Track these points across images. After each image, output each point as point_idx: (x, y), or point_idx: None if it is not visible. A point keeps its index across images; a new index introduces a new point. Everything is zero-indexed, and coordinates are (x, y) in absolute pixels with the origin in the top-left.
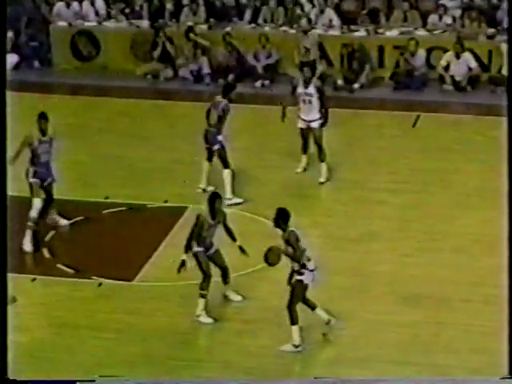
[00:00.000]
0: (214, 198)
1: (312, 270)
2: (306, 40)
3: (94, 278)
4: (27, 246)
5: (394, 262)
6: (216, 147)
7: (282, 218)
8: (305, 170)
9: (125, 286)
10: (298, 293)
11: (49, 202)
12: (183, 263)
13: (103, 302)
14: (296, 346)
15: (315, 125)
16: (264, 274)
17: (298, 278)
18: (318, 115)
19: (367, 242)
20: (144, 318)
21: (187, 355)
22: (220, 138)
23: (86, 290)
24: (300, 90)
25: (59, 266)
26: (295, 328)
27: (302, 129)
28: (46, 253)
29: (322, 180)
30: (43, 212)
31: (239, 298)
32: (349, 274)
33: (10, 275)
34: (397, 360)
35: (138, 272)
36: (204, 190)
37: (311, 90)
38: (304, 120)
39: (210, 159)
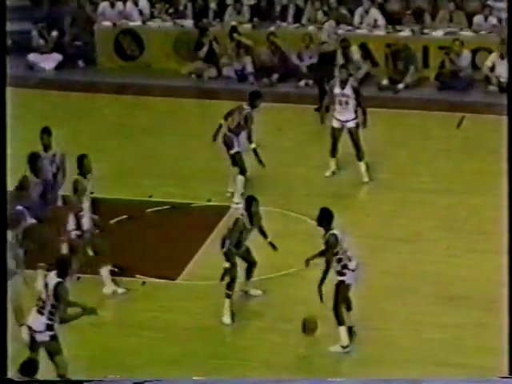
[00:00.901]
0: (250, 202)
1: (353, 270)
2: (321, 33)
3: (138, 276)
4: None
5: (438, 262)
6: (233, 151)
7: (325, 217)
8: (333, 173)
9: (168, 284)
10: (341, 293)
11: None
12: (226, 271)
13: (147, 301)
14: (344, 347)
15: (351, 124)
16: (305, 273)
17: (340, 278)
18: (353, 115)
19: (411, 242)
20: (187, 316)
21: (230, 354)
22: (237, 143)
23: (129, 288)
24: (336, 90)
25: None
26: (342, 328)
27: (334, 128)
28: (90, 252)
29: (365, 180)
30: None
31: (259, 292)
32: (393, 274)
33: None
34: (439, 361)
35: (182, 271)
36: (232, 194)
37: (348, 90)
38: (339, 120)
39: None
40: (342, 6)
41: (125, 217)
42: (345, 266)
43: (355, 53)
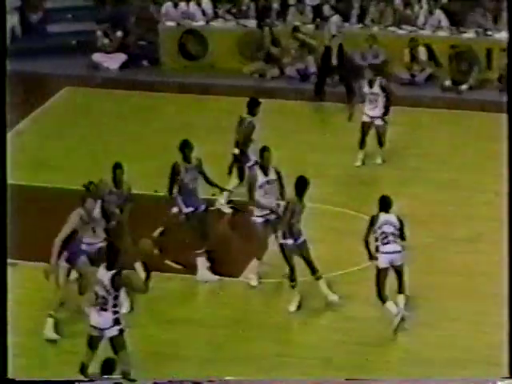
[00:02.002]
0: (301, 183)
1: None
2: (326, 28)
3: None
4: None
5: (500, 263)
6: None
7: (383, 204)
8: (363, 163)
9: (233, 282)
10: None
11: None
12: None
13: (211, 298)
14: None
15: (379, 122)
16: (367, 272)
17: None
18: (381, 112)
19: (474, 242)
20: (251, 314)
21: (292, 352)
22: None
23: (193, 285)
24: (366, 89)
25: (167, 262)
26: (389, 303)
27: (364, 122)
28: (155, 250)
29: (378, 161)
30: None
31: (335, 297)
32: (455, 273)
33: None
34: (499, 362)
35: (245, 268)
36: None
37: (376, 89)
38: (368, 115)
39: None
40: (406, 7)
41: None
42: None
43: (421, 53)
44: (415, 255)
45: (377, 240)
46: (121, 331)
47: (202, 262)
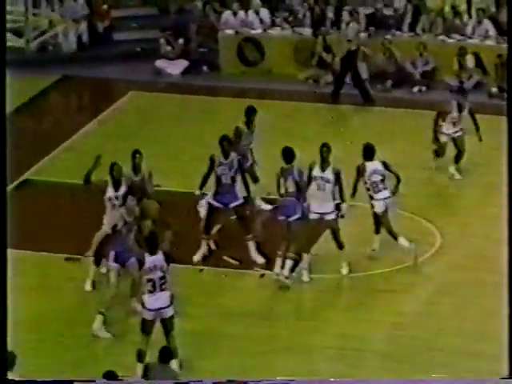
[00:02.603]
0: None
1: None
2: (347, 32)
3: (257, 269)
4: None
5: None
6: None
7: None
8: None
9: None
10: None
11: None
12: None
13: (265, 292)
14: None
15: (458, 134)
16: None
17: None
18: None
19: None
20: (304, 307)
21: (340, 345)
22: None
23: (248, 280)
24: (454, 114)
25: (225, 257)
26: (401, 239)
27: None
28: (212, 245)
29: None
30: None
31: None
32: (497, 272)
33: (179, 266)
34: None
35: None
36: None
37: (465, 113)
38: (448, 134)
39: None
40: (456, 17)
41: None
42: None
43: (469, 61)
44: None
45: (368, 190)
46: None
47: (251, 246)
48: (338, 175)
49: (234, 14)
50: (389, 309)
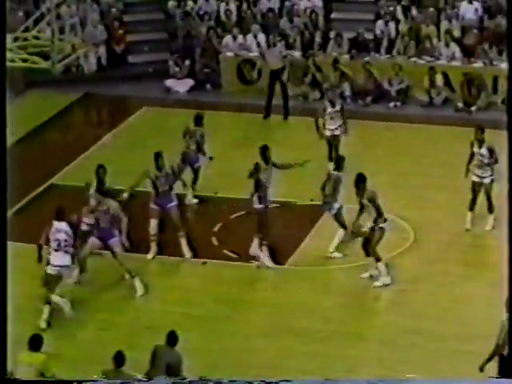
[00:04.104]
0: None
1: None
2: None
3: (253, 261)
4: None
5: None
6: (197, 165)
7: (360, 181)
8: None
9: (279, 269)
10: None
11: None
12: None
13: (260, 282)
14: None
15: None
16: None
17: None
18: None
19: None
20: (293, 296)
21: (327, 328)
22: (201, 158)
23: (246, 271)
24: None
25: (225, 251)
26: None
27: (474, 182)
28: (214, 241)
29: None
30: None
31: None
32: None
33: (184, 259)
34: None
35: (289, 257)
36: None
37: (484, 151)
38: (477, 175)
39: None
40: (426, 41)
41: (243, 212)
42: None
43: (439, 80)
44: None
45: None
46: None
47: (265, 251)
48: None
49: (234, 38)
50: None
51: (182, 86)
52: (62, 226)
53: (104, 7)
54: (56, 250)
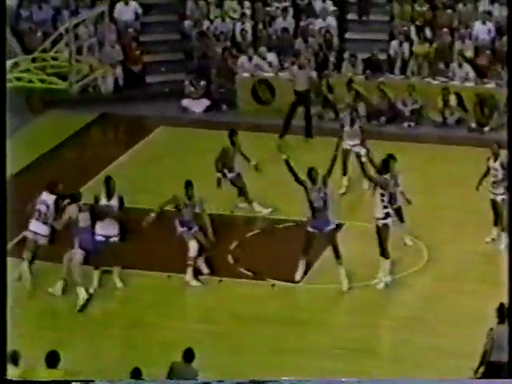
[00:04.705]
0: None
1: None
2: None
3: (268, 279)
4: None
5: None
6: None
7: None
8: None
9: (293, 286)
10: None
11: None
12: None
13: (275, 300)
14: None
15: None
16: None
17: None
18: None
19: None
20: (306, 313)
21: (341, 345)
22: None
23: (261, 289)
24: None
25: (240, 269)
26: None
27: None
28: (230, 259)
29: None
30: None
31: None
32: None
33: (200, 277)
34: None
35: (304, 276)
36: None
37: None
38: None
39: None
40: (440, 62)
41: (258, 231)
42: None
43: (452, 100)
44: None
45: None
46: None
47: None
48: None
49: (250, 58)
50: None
51: (198, 105)
52: (48, 198)
53: (121, 27)
54: (36, 219)
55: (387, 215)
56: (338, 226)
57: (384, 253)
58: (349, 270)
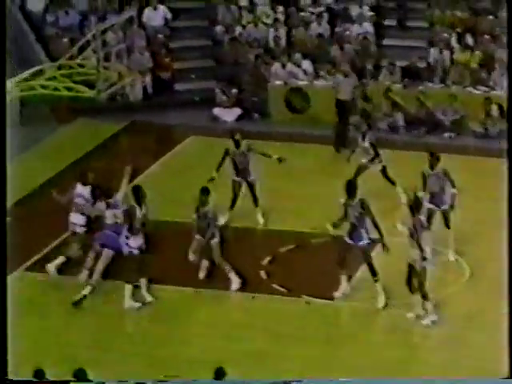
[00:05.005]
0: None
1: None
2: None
3: (303, 296)
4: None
5: None
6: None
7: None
8: None
9: (329, 304)
10: None
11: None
12: None
13: (310, 317)
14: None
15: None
16: None
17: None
18: None
19: None
20: (342, 330)
21: (377, 365)
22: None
23: (295, 306)
24: None
25: (274, 285)
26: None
27: None
28: (263, 274)
29: None
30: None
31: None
32: None
33: (231, 293)
34: None
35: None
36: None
37: None
38: None
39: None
40: (482, 70)
41: (293, 246)
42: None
43: (494, 111)
44: None
45: None
46: None
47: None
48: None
49: (283, 65)
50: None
51: (229, 114)
52: (83, 190)
53: (150, 33)
54: (75, 212)
55: (424, 259)
56: (374, 242)
57: (425, 297)
58: (386, 286)
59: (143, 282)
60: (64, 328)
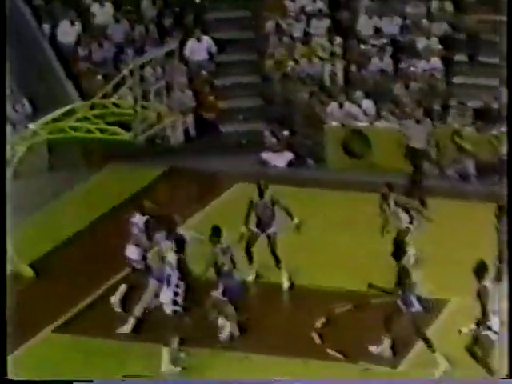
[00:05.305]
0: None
1: None
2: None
3: (361, 363)
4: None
5: None
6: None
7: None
8: None
9: (389, 371)
10: None
11: None
12: None
13: None
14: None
15: None
16: None
17: None
18: None
19: None
20: None
21: None
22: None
23: (352, 374)
24: None
25: (329, 350)
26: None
27: None
28: (316, 338)
29: None
30: None
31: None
32: None
33: (280, 358)
34: None
35: (401, 361)
36: None
37: None
38: None
39: None
40: None
41: (350, 307)
42: None
43: None
44: None
45: None
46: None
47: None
48: None
49: (340, 105)
50: None
51: (279, 159)
52: (138, 220)
53: (193, 68)
54: (131, 244)
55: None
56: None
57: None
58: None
59: (175, 342)
60: None
